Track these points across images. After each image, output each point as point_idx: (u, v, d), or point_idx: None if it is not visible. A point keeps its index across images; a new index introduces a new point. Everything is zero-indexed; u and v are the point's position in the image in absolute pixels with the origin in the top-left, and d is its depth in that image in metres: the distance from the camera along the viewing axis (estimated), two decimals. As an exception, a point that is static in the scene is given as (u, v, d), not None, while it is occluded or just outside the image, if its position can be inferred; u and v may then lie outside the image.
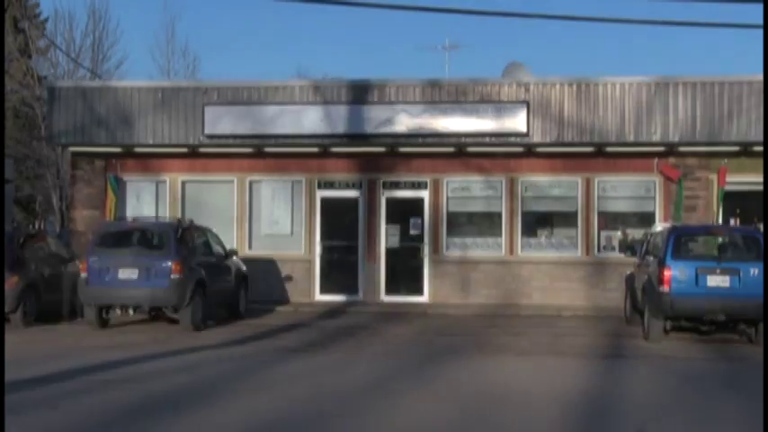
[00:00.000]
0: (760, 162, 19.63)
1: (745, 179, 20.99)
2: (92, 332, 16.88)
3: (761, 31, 16.45)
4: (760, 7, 17.47)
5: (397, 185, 22.36)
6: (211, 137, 21.68)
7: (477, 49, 69.70)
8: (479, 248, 22.10)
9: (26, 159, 42.13)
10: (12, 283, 17.23)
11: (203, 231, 18.89)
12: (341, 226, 22.54)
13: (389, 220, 22.33)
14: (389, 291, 22.13)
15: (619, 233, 21.78)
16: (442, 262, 22.05)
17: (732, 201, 21.31)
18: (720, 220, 21.00)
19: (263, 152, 22.22)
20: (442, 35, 73.13)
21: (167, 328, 17.31)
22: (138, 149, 22.40)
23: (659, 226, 18.55)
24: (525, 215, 22.01)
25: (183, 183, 22.89)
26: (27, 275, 17.71)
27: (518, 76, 23.43)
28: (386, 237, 22.27)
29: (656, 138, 20.71)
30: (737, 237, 16.24)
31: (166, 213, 22.18)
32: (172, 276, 16.71)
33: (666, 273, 14.98)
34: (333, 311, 20.52)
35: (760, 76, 19.54)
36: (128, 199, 22.89)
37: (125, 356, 13.54)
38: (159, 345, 15.03)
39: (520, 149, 21.52)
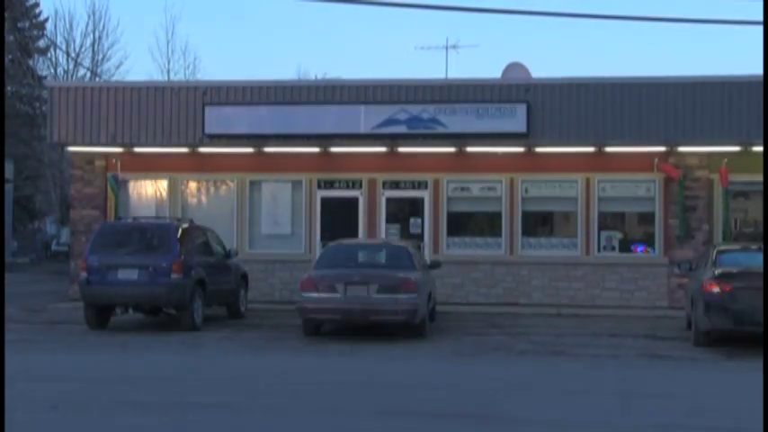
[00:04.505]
0: (759, 162, 19.62)
1: (745, 179, 20.96)
2: (90, 332, 16.85)
3: (761, 29, 16.46)
4: (760, 5, 17.48)
5: (397, 185, 22.34)
6: (211, 137, 21.67)
7: (477, 49, 69.82)
8: (479, 248, 22.07)
9: (26, 159, 42.13)
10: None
11: (203, 231, 18.86)
12: (341, 226, 22.49)
13: (389, 220, 22.31)
14: (389, 291, 22.06)
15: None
16: (441, 262, 21.97)
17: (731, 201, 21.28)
18: (720, 221, 20.99)
19: (263, 152, 22.20)
20: (442, 35, 73.32)
21: (166, 327, 17.29)
22: (138, 149, 22.39)
23: None
24: (525, 215, 21.98)
25: (184, 182, 22.87)
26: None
27: (518, 76, 23.42)
28: (386, 237, 22.23)
29: (656, 138, 20.70)
30: None
31: (166, 213, 22.16)
32: (172, 276, 16.69)
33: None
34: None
35: (760, 76, 19.52)
36: (128, 199, 22.86)
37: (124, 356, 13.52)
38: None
39: (520, 149, 21.50)
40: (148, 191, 23.02)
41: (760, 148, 20.00)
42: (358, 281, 15.52)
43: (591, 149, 21.38)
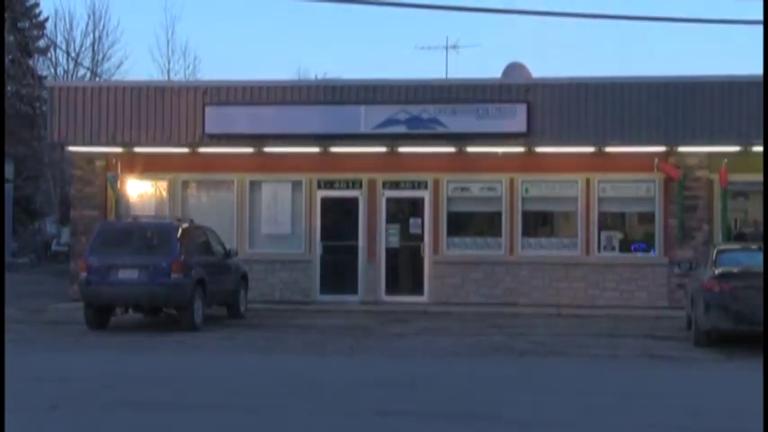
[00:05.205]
0: (759, 162, 19.61)
1: (745, 179, 20.96)
2: (90, 332, 16.84)
3: (761, 29, 16.44)
4: (760, 5, 17.48)
5: (397, 185, 22.33)
6: (211, 137, 21.68)
7: (477, 49, 69.74)
8: (479, 248, 22.06)
9: (26, 159, 42.09)
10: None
11: (203, 231, 18.86)
12: (341, 226, 22.51)
13: (389, 220, 22.31)
14: (389, 291, 22.11)
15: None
16: (442, 262, 22.03)
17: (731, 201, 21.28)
18: (719, 221, 20.99)
19: (263, 152, 22.20)
20: (442, 35, 73.21)
21: (166, 327, 17.28)
22: (138, 149, 22.38)
23: None
24: (525, 215, 21.98)
25: (184, 183, 22.86)
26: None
27: (518, 76, 23.42)
28: (386, 237, 22.24)
29: (656, 138, 20.70)
30: None
31: (166, 213, 22.16)
32: (172, 276, 16.68)
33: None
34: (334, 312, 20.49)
35: (760, 76, 19.51)
36: (128, 199, 22.85)
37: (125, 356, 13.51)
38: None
39: (520, 149, 21.50)
40: (148, 191, 23.01)
41: (760, 148, 19.99)
42: None
43: (591, 149, 21.37)
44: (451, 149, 21.66)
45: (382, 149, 21.85)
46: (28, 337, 15.92)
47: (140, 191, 23.00)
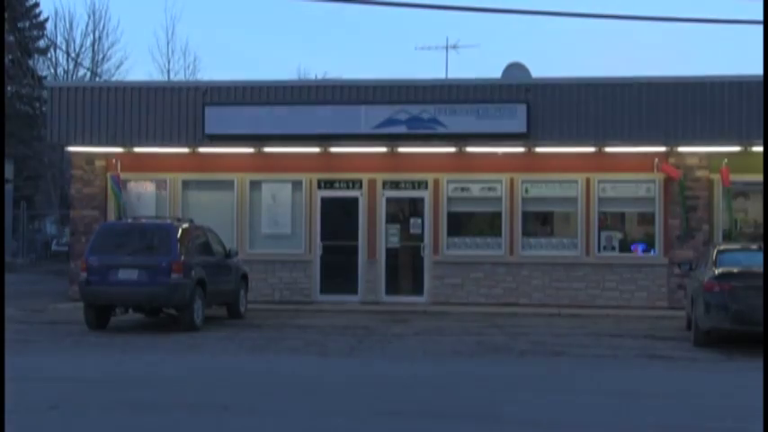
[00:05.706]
0: (759, 162, 19.62)
1: (745, 179, 20.96)
2: (90, 332, 16.84)
3: (761, 29, 16.44)
4: (760, 5, 17.47)
5: (397, 185, 22.33)
6: (211, 137, 21.67)
7: (477, 49, 69.73)
8: (479, 248, 22.07)
9: (26, 159, 42.10)
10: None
11: (203, 231, 18.85)
12: (341, 226, 22.51)
13: (389, 220, 22.31)
14: (389, 291, 22.11)
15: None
16: (442, 262, 22.03)
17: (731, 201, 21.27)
18: (721, 221, 21.00)
19: (263, 152, 22.20)
20: (442, 35, 73.27)
21: (166, 327, 17.28)
22: (138, 149, 22.39)
23: None
24: (525, 215, 21.98)
25: (183, 183, 22.86)
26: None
27: (518, 76, 23.42)
28: (386, 237, 22.25)
29: (656, 138, 20.71)
30: None
31: (166, 213, 22.15)
32: (172, 276, 16.68)
33: None
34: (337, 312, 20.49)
35: (759, 76, 19.52)
36: (128, 199, 22.85)
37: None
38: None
39: (520, 149, 21.50)
40: (148, 191, 23.01)
41: (760, 148, 20.01)
42: None
43: (591, 149, 21.39)
44: (451, 149, 21.67)
45: (382, 149, 21.86)
46: (28, 337, 15.92)
47: (140, 191, 22.99)
